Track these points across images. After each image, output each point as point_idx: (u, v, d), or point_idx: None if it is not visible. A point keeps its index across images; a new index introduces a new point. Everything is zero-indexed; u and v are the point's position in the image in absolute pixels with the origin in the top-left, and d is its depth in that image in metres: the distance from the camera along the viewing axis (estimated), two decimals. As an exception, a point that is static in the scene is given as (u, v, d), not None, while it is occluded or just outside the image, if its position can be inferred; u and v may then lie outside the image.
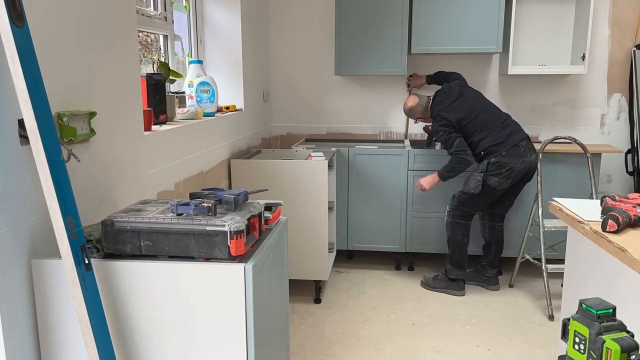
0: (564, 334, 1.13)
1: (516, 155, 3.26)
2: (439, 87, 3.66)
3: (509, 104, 4.12)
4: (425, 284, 3.55)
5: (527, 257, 3.46)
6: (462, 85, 3.55)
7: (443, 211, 3.67)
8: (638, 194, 1.84)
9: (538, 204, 3.31)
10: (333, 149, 3.70)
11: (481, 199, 3.33)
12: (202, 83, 3.03)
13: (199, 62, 3.23)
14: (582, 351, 1.08)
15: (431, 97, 3.50)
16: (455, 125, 3.33)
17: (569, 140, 3.41)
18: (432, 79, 3.84)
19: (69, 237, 1.35)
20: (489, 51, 3.78)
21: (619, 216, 1.69)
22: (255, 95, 3.89)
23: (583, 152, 3.41)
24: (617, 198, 1.83)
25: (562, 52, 3.92)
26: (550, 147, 3.43)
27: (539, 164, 3.36)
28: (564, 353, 1.14)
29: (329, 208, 3.26)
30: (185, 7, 3.41)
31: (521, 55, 3.93)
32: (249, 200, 1.60)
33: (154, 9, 2.94)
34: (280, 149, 3.85)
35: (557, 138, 3.40)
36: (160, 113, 2.50)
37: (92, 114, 1.69)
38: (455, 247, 3.47)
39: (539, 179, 3.35)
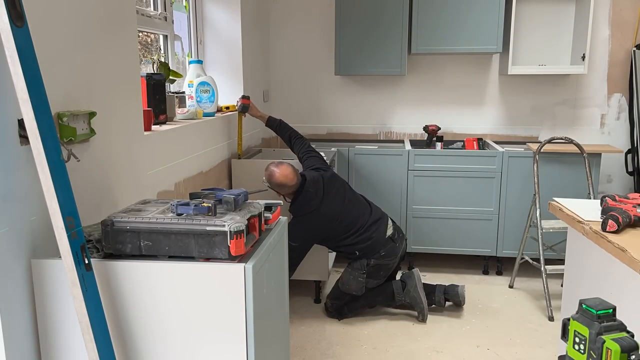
0: (564, 334, 1.13)
1: (393, 254, 3.02)
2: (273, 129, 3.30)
3: (509, 104, 4.13)
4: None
5: (526, 258, 3.46)
6: (323, 172, 3.02)
7: (443, 211, 3.68)
8: (638, 194, 1.84)
9: (536, 205, 3.31)
10: (333, 149, 3.70)
11: (355, 296, 3.07)
12: (202, 83, 3.03)
13: (199, 62, 3.23)
14: (582, 351, 1.08)
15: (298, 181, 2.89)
16: (314, 240, 2.98)
17: (565, 141, 3.41)
18: (272, 125, 3.30)
19: (69, 237, 1.35)
20: (489, 51, 3.78)
21: (619, 216, 1.69)
22: (255, 95, 3.89)
23: (580, 152, 3.41)
24: (617, 198, 1.83)
25: (562, 52, 3.92)
26: (547, 148, 3.43)
27: (535, 165, 3.36)
28: (564, 353, 1.14)
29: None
30: (185, 7, 3.41)
31: (521, 55, 3.94)
32: (249, 200, 1.60)
33: (154, 9, 2.94)
34: (281, 149, 3.85)
35: (554, 138, 3.40)
36: (160, 113, 2.50)
37: (92, 114, 1.69)
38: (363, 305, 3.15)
39: (536, 180, 3.35)
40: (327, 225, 2.97)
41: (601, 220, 1.74)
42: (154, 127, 2.33)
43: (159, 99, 2.48)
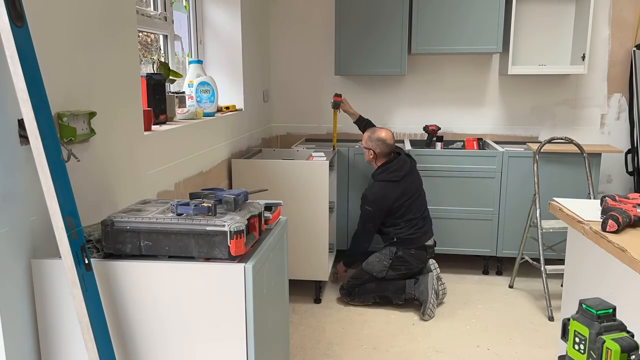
0: (564, 334, 1.14)
1: (420, 259, 3.25)
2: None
3: (509, 104, 4.13)
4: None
5: (526, 258, 3.46)
6: (413, 162, 3.41)
7: (443, 211, 3.68)
8: (638, 194, 1.84)
9: (536, 205, 3.31)
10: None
11: (373, 284, 3.27)
12: (202, 83, 3.03)
13: (199, 62, 3.23)
14: (582, 351, 1.08)
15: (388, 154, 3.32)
16: (384, 208, 3.22)
17: (565, 141, 3.41)
18: (360, 124, 3.67)
19: (69, 237, 1.35)
20: (489, 51, 3.78)
21: (619, 216, 1.69)
22: (255, 95, 3.89)
23: (580, 152, 3.41)
24: (617, 198, 1.83)
25: (562, 52, 3.92)
26: (547, 148, 3.43)
27: (535, 165, 3.36)
28: (564, 353, 1.14)
29: (330, 208, 3.26)
30: (185, 7, 3.41)
31: (521, 55, 3.94)
32: (249, 200, 1.60)
33: (154, 9, 2.94)
34: (281, 149, 3.85)
35: (554, 138, 3.40)
36: (160, 113, 2.50)
37: (92, 114, 1.69)
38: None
39: (536, 180, 3.35)
40: (399, 199, 3.23)
41: (601, 220, 1.74)
42: (154, 127, 2.33)
43: (159, 99, 2.48)
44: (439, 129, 3.96)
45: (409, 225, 3.24)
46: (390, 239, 3.26)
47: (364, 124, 3.64)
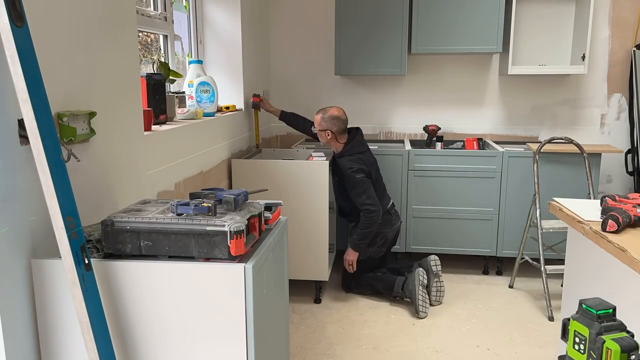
0: (564, 334, 1.13)
1: (388, 224, 3.35)
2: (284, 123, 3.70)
3: (509, 104, 4.13)
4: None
5: (526, 258, 3.46)
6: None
7: (443, 211, 3.68)
8: (638, 194, 1.84)
9: (536, 205, 3.31)
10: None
11: (363, 267, 3.36)
12: (202, 83, 3.03)
13: (199, 62, 3.23)
14: (582, 351, 1.08)
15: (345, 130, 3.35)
16: (366, 171, 3.24)
17: (565, 141, 3.41)
18: (285, 118, 3.71)
19: (69, 237, 1.35)
20: (489, 51, 3.78)
21: (619, 216, 1.69)
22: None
23: (580, 152, 3.41)
24: (617, 198, 1.83)
25: (562, 52, 3.92)
26: (547, 148, 3.43)
27: (535, 165, 3.36)
28: (564, 353, 1.14)
29: (330, 208, 3.26)
30: (185, 7, 3.41)
31: (521, 55, 3.94)
32: (249, 200, 1.60)
33: (154, 9, 2.94)
34: (281, 149, 3.85)
35: (553, 138, 3.40)
36: (160, 113, 2.50)
37: (92, 114, 1.69)
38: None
39: (536, 180, 3.35)
40: (368, 167, 3.25)
41: (601, 220, 1.74)
42: (154, 127, 2.33)
43: (159, 99, 2.48)
44: (439, 129, 3.96)
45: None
46: (356, 217, 3.29)
47: (289, 118, 3.69)
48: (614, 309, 1.08)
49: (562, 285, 2.37)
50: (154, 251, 1.46)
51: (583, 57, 3.70)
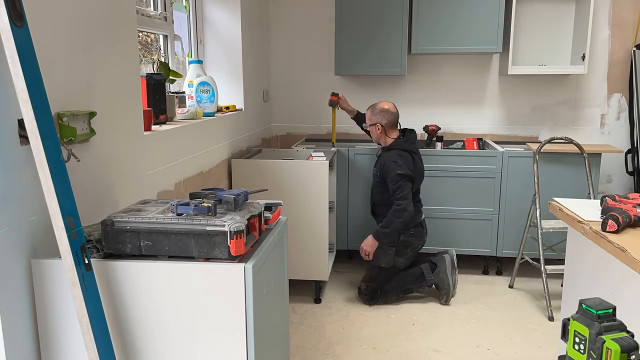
0: (564, 334, 1.13)
1: (420, 237, 3.31)
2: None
3: (509, 104, 4.13)
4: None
5: (526, 258, 3.46)
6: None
7: (443, 211, 3.68)
8: (638, 194, 1.84)
9: (536, 205, 3.31)
10: (333, 149, 3.70)
11: (388, 277, 3.27)
12: (202, 83, 3.03)
13: (199, 62, 3.23)
14: (582, 351, 1.08)
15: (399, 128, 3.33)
16: (411, 177, 3.18)
17: (565, 141, 3.41)
18: (358, 118, 3.67)
19: (69, 237, 1.35)
20: (489, 51, 3.78)
21: (619, 216, 1.69)
22: (255, 95, 3.89)
23: (580, 152, 3.41)
24: (617, 198, 1.83)
25: (562, 52, 3.92)
26: (547, 148, 3.43)
27: (535, 165, 3.36)
28: (564, 353, 1.14)
29: (329, 208, 3.26)
30: (185, 7, 3.41)
31: (521, 55, 3.94)
32: (249, 200, 1.60)
33: (154, 9, 2.94)
34: (281, 149, 3.85)
35: (554, 138, 3.40)
36: (160, 113, 2.50)
37: (92, 114, 1.69)
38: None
39: (536, 180, 3.35)
40: (413, 173, 3.19)
41: (601, 220, 1.74)
42: (154, 127, 2.33)
43: (159, 99, 2.48)
44: (439, 129, 3.96)
45: (414, 203, 3.24)
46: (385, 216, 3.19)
47: (363, 120, 3.58)
48: (614, 309, 1.08)
49: (562, 285, 2.37)
50: (154, 251, 1.46)
51: (583, 57, 3.71)
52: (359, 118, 3.65)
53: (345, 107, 3.69)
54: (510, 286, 3.56)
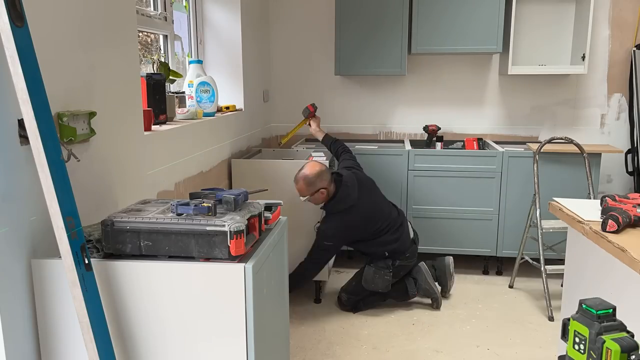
0: (564, 334, 1.13)
1: (414, 255, 3.19)
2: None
3: (509, 104, 4.13)
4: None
5: (526, 258, 3.46)
6: (356, 171, 3.18)
7: (443, 211, 3.68)
8: (638, 194, 1.84)
9: (536, 205, 3.31)
10: (333, 149, 3.70)
11: (371, 292, 3.15)
12: (202, 83, 3.03)
13: (199, 62, 3.23)
14: (582, 351, 1.08)
15: (331, 179, 2.98)
16: (348, 239, 3.08)
17: (565, 141, 3.41)
18: (326, 141, 3.46)
19: (69, 237, 1.35)
20: (489, 51, 3.78)
21: (619, 216, 1.69)
22: (255, 95, 3.89)
23: (580, 152, 3.41)
24: (617, 198, 1.83)
25: (562, 52, 3.92)
26: (547, 148, 3.42)
27: (535, 165, 3.36)
28: (564, 353, 1.14)
29: (329, 208, 3.26)
30: (185, 7, 3.41)
31: (521, 55, 3.93)
32: (249, 200, 1.60)
33: (154, 9, 2.94)
34: (281, 149, 3.85)
35: (553, 138, 3.40)
36: (160, 113, 2.50)
37: (92, 114, 1.69)
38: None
39: (536, 180, 3.35)
40: (363, 223, 3.03)
41: (601, 220, 1.74)
42: (154, 127, 2.33)
43: (159, 99, 2.48)
44: (439, 129, 3.96)
45: (391, 233, 3.09)
46: (382, 255, 3.10)
47: (329, 146, 3.45)
48: (614, 309, 1.08)
49: (562, 285, 2.37)
50: (154, 251, 1.46)
51: (583, 57, 3.70)
52: (327, 143, 3.45)
53: (314, 128, 3.48)
54: (510, 286, 3.56)
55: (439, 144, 3.93)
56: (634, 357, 1.01)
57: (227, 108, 3.32)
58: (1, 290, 1.34)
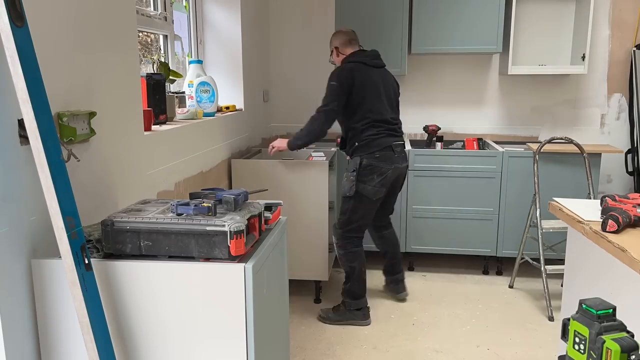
0: (564, 334, 1.13)
1: (389, 160, 2.95)
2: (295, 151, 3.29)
3: (509, 104, 4.13)
4: (326, 318, 3.08)
5: (526, 258, 3.46)
6: (390, 75, 3.17)
7: (443, 211, 3.68)
8: (638, 194, 1.84)
9: (536, 205, 3.31)
10: (333, 149, 3.70)
11: (360, 213, 2.99)
12: (202, 83, 3.03)
13: (199, 62, 3.23)
14: (582, 351, 1.08)
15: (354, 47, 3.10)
16: (350, 84, 2.93)
17: (565, 141, 3.41)
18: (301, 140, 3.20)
19: (69, 237, 1.35)
20: (489, 51, 3.78)
21: (619, 216, 1.69)
22: (255, 95, 3.89)
23: (580, 152, 3.41)
24: (617, 198, 1.83)
25: (562, 52, 3.92)
26: (547, 148, 3.43)
27: (535, 165, 3.36)
28: (564, 353, 1.14)
29: (329, 208, 3.26)
30: (185, 7, 3.41)
31: (521, 55, 3.94)
32: (249, 200, 1.60)
33: (154, 9, 2.94)
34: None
35: (553, 138, 3.40)
36: (160, 113, 2.50)
37: (92, 114, 1.69)
38: (355, 278, 3.07)
39: (536, 180, 3.35)
40: (364, 84, 2.94)
41: (601, 220, 1.74)
42: (154, 127, 2.33)
43: (159, 99, 2.48)
44: (439, 129, 3.96)
45: (370, 125, 2.95)
46: (352, 144, 2.99)
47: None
48: (614, 309, 1.08)
49: (562, 285, 2.37)
50: (154, 251, 1.46)
51: (583, 57, 3.71)
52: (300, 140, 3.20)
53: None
54: (510, 286, 3.56)
55: (439, 144, 3.93)
56: (634, 357, 1.01)
57: (227, 108, 3.32)
58: (1, 290, 1.34)
